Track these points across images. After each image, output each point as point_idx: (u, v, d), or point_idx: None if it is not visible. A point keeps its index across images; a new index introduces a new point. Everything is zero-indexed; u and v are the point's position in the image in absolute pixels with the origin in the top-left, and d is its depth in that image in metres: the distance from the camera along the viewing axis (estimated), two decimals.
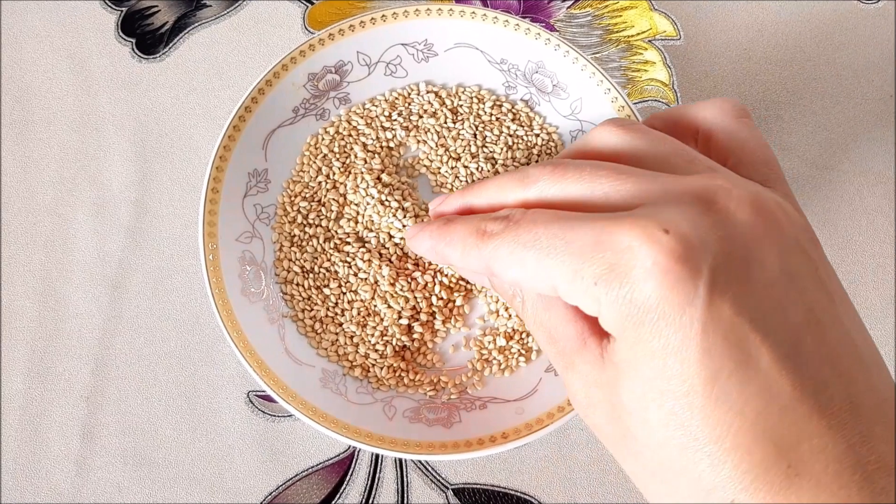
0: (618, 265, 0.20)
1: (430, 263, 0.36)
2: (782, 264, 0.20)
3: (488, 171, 0.37)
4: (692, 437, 0.19)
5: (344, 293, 0.36)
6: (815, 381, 0.19)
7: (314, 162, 0.38)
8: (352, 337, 0.35)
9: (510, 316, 0.35)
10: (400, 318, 0.35)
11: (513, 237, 0.23)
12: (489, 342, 0.35)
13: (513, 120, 0.39)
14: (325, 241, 0.36)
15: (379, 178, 0.37)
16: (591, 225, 0.21)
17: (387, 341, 0.35)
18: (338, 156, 0.38)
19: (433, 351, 0.36)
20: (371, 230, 0.37)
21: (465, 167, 0.38)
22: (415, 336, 0.35)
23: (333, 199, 0.37)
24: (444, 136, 0.39)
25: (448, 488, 0.36)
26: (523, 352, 0.35)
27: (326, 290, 0.36)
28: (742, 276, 0.20)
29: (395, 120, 0.39)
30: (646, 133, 0.25)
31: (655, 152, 0.24)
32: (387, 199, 0.36)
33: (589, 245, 0.20)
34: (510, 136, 0.38)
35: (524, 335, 0.35)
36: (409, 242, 0.29)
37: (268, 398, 0.37)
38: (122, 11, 0.43)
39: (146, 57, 0.42)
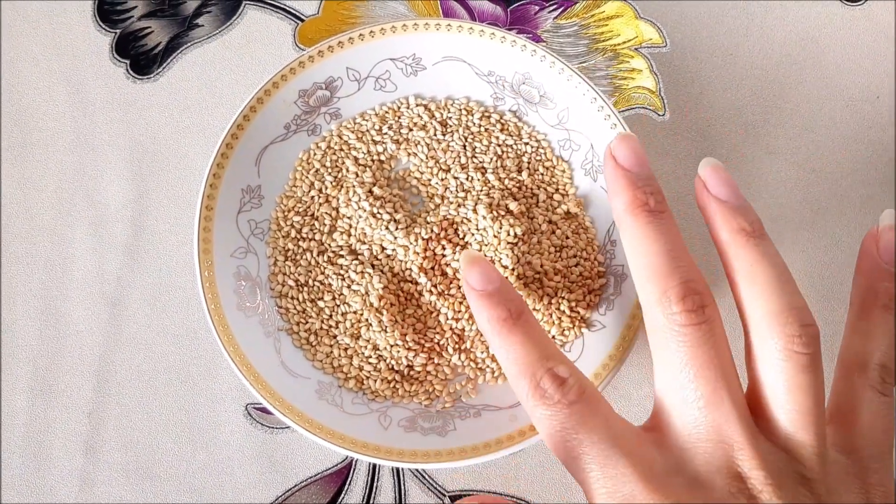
0: None
1: (441, 291, 0.36)
2: None
3: (478, 180, 0.38)
4: None
5: (338, 305, 0.36)
6: None
7: (306, 177, 0.38)
8: (346, 349, 0.36)
9: None
10: (400, 348, 0.35)
11: (560, 418, 0.25)
12: (482, 351, 0.36)
13: (501, 130, 0.39)
14: (318, 255, 0.37)
15: (370, 191, 0.38)
16: (628, 478, 0.24)
17: (380, 356, 0.35)
18: (330, 170, 0.39)
19: (438, 379, 0.36)
20: (364, 242, 0.37)
21: (455, 178, 0.38)
22: (417, 370, 0.36)
23: (326, 213, 0.38)
24: (434, 149, 0.39)
25: (445, 495, 0.36)
26: None
27: (321, 303, 0.36)
28: None
29: (386, 133, 0.39)
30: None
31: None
32: (378, 212, 0.37)
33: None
34: (499, 145, 0.39)
35: None
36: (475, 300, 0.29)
37: (266, 410, 0.37)
38: (115, 33, 0.43)
39: (140, 77, 0.43)
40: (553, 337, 0.35)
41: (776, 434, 0.24)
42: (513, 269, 0.35)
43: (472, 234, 0.37)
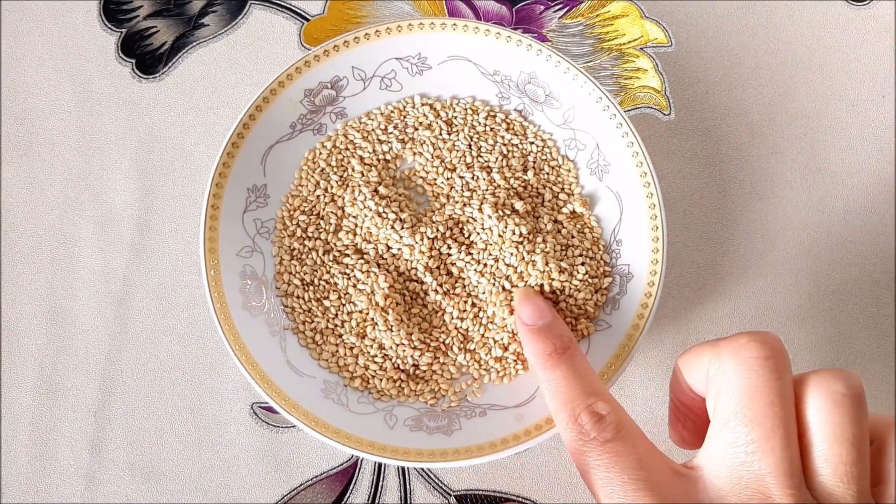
0: None
1: (447, 290, 0.36)
2: None
3: (484, 179, 0.38)
4: None
5: (343, 304, 0.36)
6: None
7: (312, 176, 0.38)
8: (351, 348, 0.36)
9: (503, 327, 0.36)
10: (406, 347, 0.35)
11: (594, 455, 0.26)
12: (486, 352, 0.36)
13: (507, 129, 0.39)
14: (324, 254, 0.37)
15: (376, 191, 0.38)
16: None
17: (386, 356, 0.35)
18: (335, 169, 0.39)
19: (444, 378, 0.36)
20: (369, 242, 0.37)
21: (461, 178, 0.38)
22: (423, 369, 0.36)
23: (332, 212, 0.38)
24: (440, 148, 0.39)
25: (450, 495, 0.36)
26: (520, 360, 0.35)
27: (326, 302, 0.36)
28: None
29: (391, 133, 0.39)
30: None
31: None
32: (384, 211, 0.37)
33: None
34: (504, 145, 0.39)
35: (520, 345, 0.36)
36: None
37: (271, 409, 0.37)
38: (121, 33, 0.44)
39: (146, 77, 0.43)
40: None
41: (818, 489, 0.23)
42: (517, 269, 0.35)
43: (478, 234, 0.37)
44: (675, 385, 0.29)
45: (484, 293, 0.36)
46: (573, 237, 0.37)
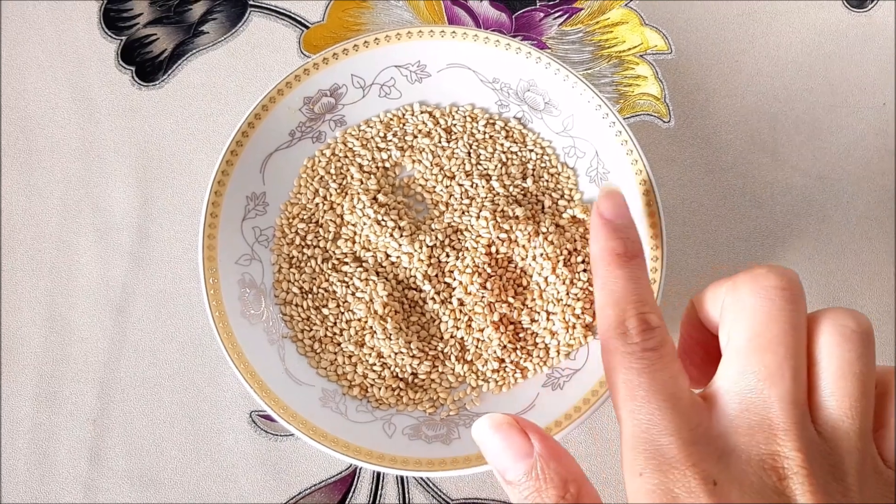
0: None
1: (443, 296, 0.36)
2: None
3: (483, 187, 0.38)
4: None
5: (342, 313, 0.36)
6: None
7: (311, 184, 0.38)
8: (350, 356, 0.36)
9: (498, 340, 0.35)
10: (405, 356, 0.35)
11: (631, 360, 0.25)
12: (482, 364, 0.36)
13: (506, 137, 0.39)
14: (323, 262, 0.37)
15: (375, 199, 0.38)
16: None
17: (385, 364, 0.35)
18: (334, 177, 0.39)
19: (442, 386, 0.36)
20: (368, 250, 0.37)
21: (460, 185, 0.38)
22: (422, 377, 0.36)
23: (331, 220, 0.38)
24: (439, 156, 0.39)
25: (450, 503, 0.36)
26: (518, 369, 0.35)
27: (325, 310, 0.36)
28: None
29: (391, 141, 0.39)
30: None
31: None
32: (383, 219, 0.37)
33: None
34: (504, 152, 0.39)
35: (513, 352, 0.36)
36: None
37: (270, 418, 0.37)
38: (121, 40, 0.44)
39: (146, 84, 0.43)
40: (559, 343, 0.35)
41: (821, 422, 0.24)
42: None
43: (472, 242, 0.37)
44: (687, 320, 0.29)
45: (467, 299, 0.36)
46: (576, 241, 0.37)
